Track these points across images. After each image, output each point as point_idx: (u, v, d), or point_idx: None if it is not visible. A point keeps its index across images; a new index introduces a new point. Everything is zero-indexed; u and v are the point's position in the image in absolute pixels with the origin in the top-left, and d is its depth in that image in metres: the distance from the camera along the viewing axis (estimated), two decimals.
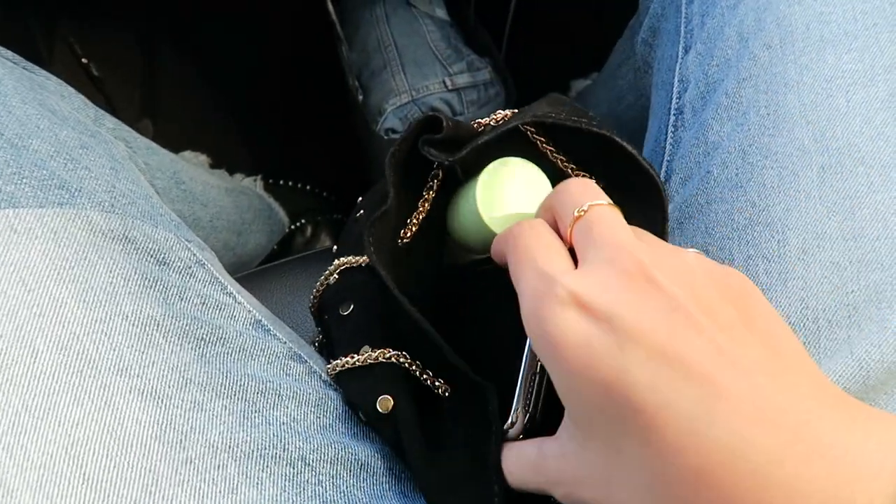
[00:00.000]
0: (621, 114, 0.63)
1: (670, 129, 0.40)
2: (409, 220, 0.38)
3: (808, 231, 0.34)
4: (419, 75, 0.76)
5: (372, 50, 0.77)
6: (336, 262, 0.40)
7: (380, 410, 0.33)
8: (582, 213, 0.27)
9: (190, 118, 0.86)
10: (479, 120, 0.36)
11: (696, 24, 0.41)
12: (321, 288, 0.40)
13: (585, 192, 0.27)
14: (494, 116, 0.36)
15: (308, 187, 0.85)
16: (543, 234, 0.27)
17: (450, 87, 0.76)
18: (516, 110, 0.36)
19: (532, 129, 0.36)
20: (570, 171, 0.36)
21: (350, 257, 0.39)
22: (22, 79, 0.39)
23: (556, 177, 0.35)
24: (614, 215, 0.26)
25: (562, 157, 0.37)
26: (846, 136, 0.34)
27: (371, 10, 0.78)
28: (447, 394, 0.33)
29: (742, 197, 0.36)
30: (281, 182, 0.83)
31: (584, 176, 0.36)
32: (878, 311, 0.33)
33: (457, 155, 0.33)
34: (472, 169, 0.35)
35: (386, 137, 0.73)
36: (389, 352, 0.34)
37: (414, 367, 0.34)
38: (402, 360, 0.34)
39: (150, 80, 0.84)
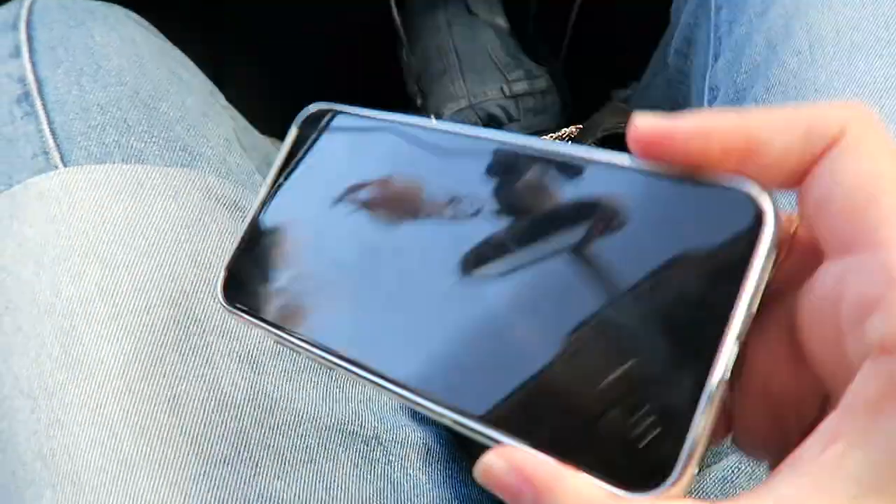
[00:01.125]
0: None
1: None
2: None
3: None
4: (478, 81, 0.77)
5: (432, 55, 0.79)
6: None
7: None
8: None
9: (257, 118, 0.89)
10: (545, 137, 0.37)
11: (724, 32, 0.41)
12: None
13: None
14: (559, 134, 0.38)
15: None
16: None
17: (507, 94, 0.77)
18: (580, 126, 0.37)
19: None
20: None
21: None
22: (155, 45, 0.42)
23: None
24: None
25: None
26: None
27: (433, 16, 0.80)
28: None
29: None
30: None
31: None
32: None
33: None
34: None
35: None
36: None
37: None
38: None
39: (219, 82, 0.88)
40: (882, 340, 0.15)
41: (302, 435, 0.31)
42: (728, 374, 0.17)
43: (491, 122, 0.76)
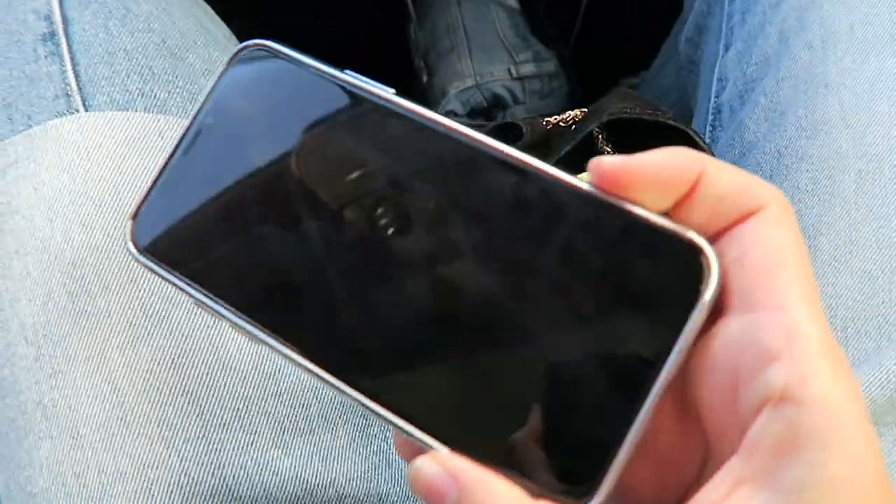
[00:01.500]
0: None
1: (708, 128, 0.40)
2: None
3: (840, 237, 0.33)
4: (485, 61, 0.77)
5: (441, 32, 0.78)
6: None
7: None
8: None
9: None
10: (548, 118, 0.37)
11: (736, 22, 0.40)
12: None
13: None
14: (563, 117, 0.37)
15: None
16: None
17: (514, 76, 0.77)
18: (584, 109, 0.37)
19: (601, 135, 0.37)
20: None
21: None
22: None
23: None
24: None
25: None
26: (886, 142, 0.33)
27: None
28: None
29: None
30: None
31: None
32: None
33: None
34: None
35: None
36: None
37: None
38: None
39: None
40: (783, 389, 0.17)
41: (304, 404, 0.31)
42: (658, 401, 0.18)
43: (496, 103, 0.76)
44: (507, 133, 0.36)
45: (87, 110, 0.34)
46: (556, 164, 0.35)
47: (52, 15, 0.36)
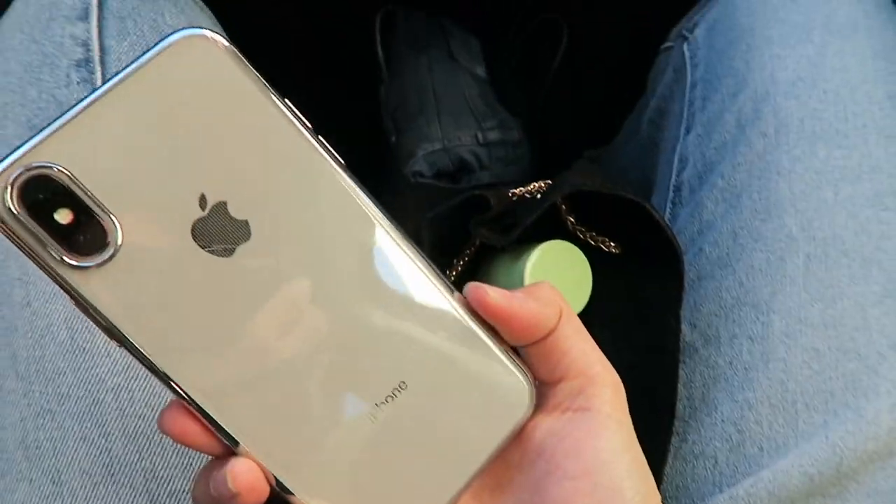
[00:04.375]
0: None
1: (668, 205, 0.42)
2: None
3: (791, 315, 0.35)
4: (453, 126, 0.79)
5: (411, 95, 0.80)
6: None
7: None
8: None
9: None
10: (514, 190, 0.38)
11: (697, 108, 0.43)
12: None
13: None
14: (528, 188, 0.39)
15: None
16: None
17: (481, 142, 0.79)
18: (549, 181, 0.38)
19: (564, 206, 0.39)
20: (590, 239, 0.38)
21: None
22: None
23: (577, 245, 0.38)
24: None
25: (582, 228, 0.39)
26: (832, 228, 0.35)
27: (416, 57, 0.82)
28: None
29: (731, 276, 0.37)
30: None
31: (605, 243, 0.38)
32: (854, 400, 0.33)
33: (508, 238, 0.36)
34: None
35: (413, 180, 0.76)
36: None
37: None
38: None
39: None
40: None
41: None
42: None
43: (462, 166, 0.77)
44: (476, 205, 0.37)
45: None
46: (522, 234, 0.36)
47: (91, 42, 0.35)
